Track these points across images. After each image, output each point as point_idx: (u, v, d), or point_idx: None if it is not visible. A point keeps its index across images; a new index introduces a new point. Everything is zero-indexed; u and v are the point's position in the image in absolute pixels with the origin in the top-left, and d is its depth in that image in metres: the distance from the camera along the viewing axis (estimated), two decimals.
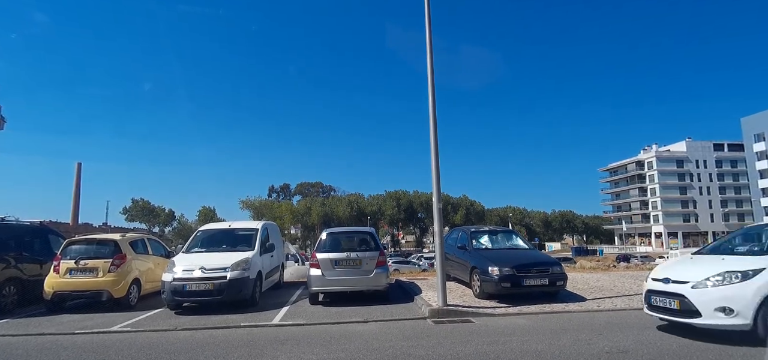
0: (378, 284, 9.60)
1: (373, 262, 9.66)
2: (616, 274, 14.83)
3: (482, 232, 11.35)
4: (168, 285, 9.01)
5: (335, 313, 8.72)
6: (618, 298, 9.54)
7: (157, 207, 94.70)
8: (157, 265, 11.08)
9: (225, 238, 10.84)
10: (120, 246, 9.95)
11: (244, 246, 10.31)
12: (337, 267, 9.58)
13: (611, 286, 11.46)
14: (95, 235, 10.80)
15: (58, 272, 9.43)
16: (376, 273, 9.57)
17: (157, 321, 8.40)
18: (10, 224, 10.17)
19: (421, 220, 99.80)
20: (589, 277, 13.15)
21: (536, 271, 9.15)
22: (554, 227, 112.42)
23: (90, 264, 9.51)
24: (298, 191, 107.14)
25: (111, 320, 8.45)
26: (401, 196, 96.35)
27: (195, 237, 10.95)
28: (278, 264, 12.48)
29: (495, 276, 8.99)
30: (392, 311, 8.75)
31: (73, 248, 9.83)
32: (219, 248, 10.30)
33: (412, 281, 12.72)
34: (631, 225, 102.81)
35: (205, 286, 8.96)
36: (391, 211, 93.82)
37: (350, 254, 9.70)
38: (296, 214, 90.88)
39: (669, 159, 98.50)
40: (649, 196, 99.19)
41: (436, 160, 8.96)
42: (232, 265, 9.19)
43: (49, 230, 11.29)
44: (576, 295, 9.85)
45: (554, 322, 7.56)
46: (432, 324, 7.67)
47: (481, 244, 10.85)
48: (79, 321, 8.53)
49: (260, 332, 7.35)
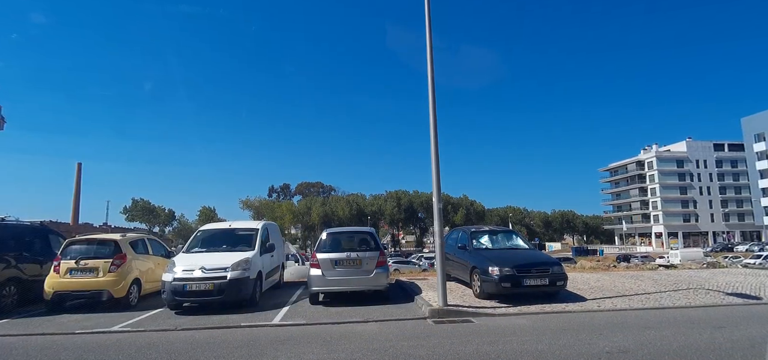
0: (378, 284, 9.60)
1: (374, 262, 9.65)
2: (616, 274, 14.83)
3: (482, 232, 11.34)
4: (168, 285, 9.01)
5: (335, 313, 8.72)
6: (618, 298, 9.54)
7: (157, 207, 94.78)
8: (158, 265, 11.08)
9: (225, 238, 10.83)
10: (120, 246, 9.95)
11: (245, 246, 10.31)
12: (337, 267, 9.58)
13: (611, 286, 11.46)
14: (95, 235, 10.79)
15: (59, 272, 9.43)
16: (376, 273, 9.57)
17: (157, 321, 8.40)
18: (11, 224, 10.16)
19: (422, 220, 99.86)
20: (590, 277, 13.15)
21: (536, 271, 9.15)
22: (554, 227, 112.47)
23: (90, 264, 9.51)
24: (298, 191, 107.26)
25: (111, 320, 8.45)
26: (401, 196, 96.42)
27: (195, 237, 10.95)
28: (278, 264, 12.48)
29: (495, 276, 8.98)
30: (392, 311, 8.74)
31: (74, 248, 9.83)
32: (219, 248, 10.30)
33: (412, 281, 12.72)
34: (632, 225, 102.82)
35: (206, 286, 8.96)
36: (392, 211, 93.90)
37: (350, 254, 9.70)
38: (296, 214, 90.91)
39: (669, 159, 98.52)
40: (650, 196, 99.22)
41: (436, 159, 8.96)
42: (232, 265, 9.19)
43: (49, 230, 11.29)
44: (576, 295, 9.84)
45: (554, 322, 7.56)
46: (432, 324, 7.66)
47: (482, 244, 10.84)
48: (80, 321, 8.52)
49: (260, 332, 7.35)
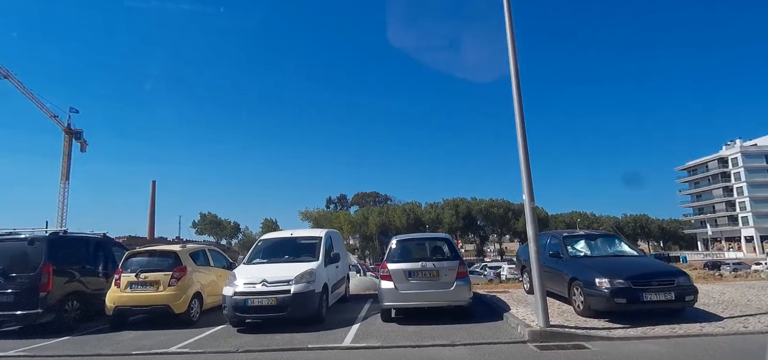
0: (460, 299, 8.30)
1: (453, 273, 8.37)
2: (736, 284, 12.46)
3: (578, 237, 9.70)
4: (229, 300, 8.25)
5: (414, 333, 7.51)
6: (763, 316, 7.61)
7: (223, 220, 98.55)
8: (219, 277, 10.44)
9: (287, 247, 9.99)
10: (180, 258, 9.37)
11: (308, 256, 9.42)
12: (411, 279, 8.40)
13: (742, 299, 9.41)
14: (155, 247, 10.35)
15: (119, 286, 8.97)
16: (457, 286, 8.28)
17: (218, 340, 7.62)
18: (73, 236, 9.91)
19: (481, 228, 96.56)
20: (710, 289, 11.01)
21: (658, 284, 7.44)
22: (627, 233, 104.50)
23: (150, 277, 8.97)
24: (354, 201, 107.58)
25: (170, 339, 7.79)
26: (459, 204, 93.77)
27: (256, 247, 10.22)
28: (344, 275, 11.50)
29: (605, 290, 7.40)
30: (481, 332, 7.41)
31: (134, 260, 9.38)
32: (281, 259, 9.48)
33: (492, 294, 11.25)
34: (716, 228, 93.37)
35: (268, 301, 8.11)
36: (450, 220, 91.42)
37: (426, 264, 8.48)
38: (354, 224, 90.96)
39: (756, 154, 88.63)
40: (736, 195, 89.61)
41: (525, 151, 7.57)
42: (295, 278, 8.30)
43: (113, 242, 11.02)
44: (707, 313, 7.99)
45: (696, 350, 5.93)
46: (535, 349, 6.26)
47: (578, 250, 9.23)
48: (139, 339, 7.94)
49: (330, 356, 6.35)
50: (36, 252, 8.73)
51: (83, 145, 76.46)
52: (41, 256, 8.67)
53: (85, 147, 76.88)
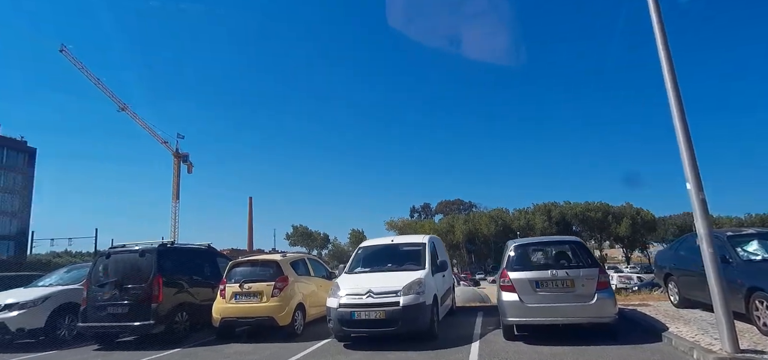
0: (603, 315, 6.87)
1: (592, 283, 6.97)
2: None
3: (748, 236, 7.76)
4: (334, 312, 7.62)
5: (550, 356, 6.25)
6: None
7: (313, 231, 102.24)
8: (321, 287, 9.97)
9: (389, 255, 9.22)
10: (281, 267, 9.00)
11: (413, 264, 8.55)
12: (539, 290, 7.14)
13: None
14: (257, 257, 10.15)
15: (225, 297, 8.79)
16: (598, 298, 6.87)
17: (326, 357, 6.99)
18: (180, 247, 10.02)
19: (577, 233, 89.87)
20: None
21: None
22: None
23: (254, 288, 8.68)
24: (438, 210, 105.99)
25: (277, 353, 7.36)
26: (551, 208, 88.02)
27: (357, 255, 9.57)
28: (450, 285, 10.48)
29: None
30: (640, 357, 5.95)
31: (237, 270, 9.19)
32: (384, 267, 8.71)
33: (630, 307, 9.51)
34: None
35: (376, 314, 7.34)
36: (542, 225, 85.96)
37: (557, 273, 7.17)
38: (439, 232, 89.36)
39: None
40: None
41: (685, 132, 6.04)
42: (404, 288, 7.45)
43: (216, 252, 11.06)
44: None
45: None
46: None
47: (752, 253, 7.34)
48: (246, 354, 7.57)
49: None
50: (147, 264, 8.84)
51: (190, 167, 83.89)
52: (152, 268, 8.75)
53: (191, 168, 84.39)
